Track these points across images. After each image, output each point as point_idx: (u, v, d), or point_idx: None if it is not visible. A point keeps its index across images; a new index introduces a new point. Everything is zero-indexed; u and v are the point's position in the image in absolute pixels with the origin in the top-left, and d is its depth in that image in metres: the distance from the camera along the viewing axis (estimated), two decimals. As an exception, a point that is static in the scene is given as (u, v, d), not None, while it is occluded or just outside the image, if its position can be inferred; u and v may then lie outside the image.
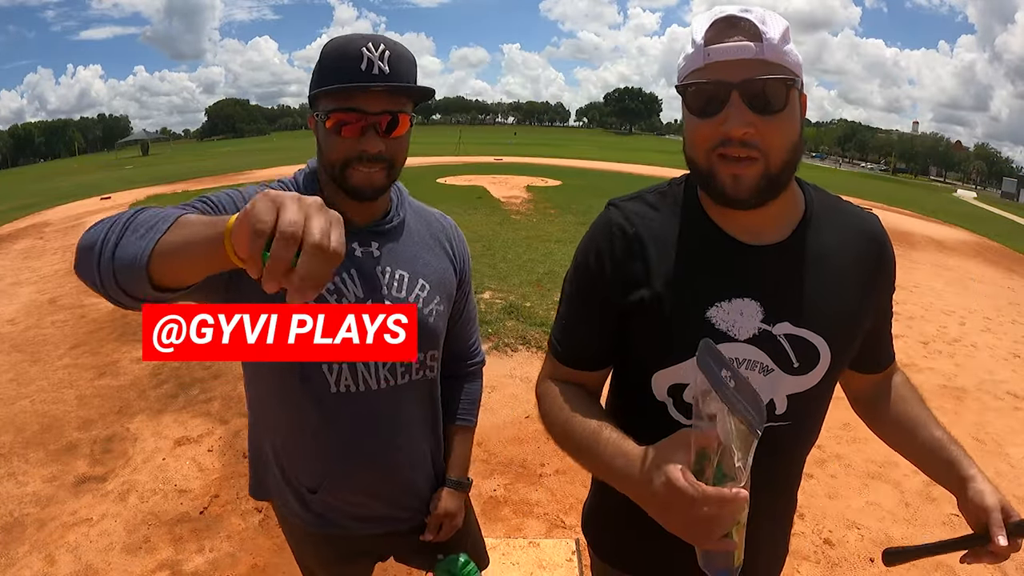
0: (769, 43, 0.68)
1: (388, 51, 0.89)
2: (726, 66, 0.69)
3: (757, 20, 0.68)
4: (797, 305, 0.77)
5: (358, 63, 0.88)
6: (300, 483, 1.09)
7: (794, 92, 0.71)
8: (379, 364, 1.01)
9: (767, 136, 0.70)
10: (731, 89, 0.68)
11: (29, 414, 3.21)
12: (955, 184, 63.15)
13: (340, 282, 0.97)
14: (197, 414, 3.19)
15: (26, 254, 7.35)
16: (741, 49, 0.68)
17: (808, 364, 0.78)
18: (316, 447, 1.04)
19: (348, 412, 1.02)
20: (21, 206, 12.49)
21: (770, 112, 0.69)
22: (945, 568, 2.19)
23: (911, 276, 6.97)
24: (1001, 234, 13.12)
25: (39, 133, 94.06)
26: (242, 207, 0.73)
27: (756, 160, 0.70)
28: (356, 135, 0.90)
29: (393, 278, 1.01)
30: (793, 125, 0.72)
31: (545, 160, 22.19)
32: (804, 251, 0.79)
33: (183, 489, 2.54)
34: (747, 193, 0.72)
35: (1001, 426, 3.36)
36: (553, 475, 2.68)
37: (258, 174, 17.09)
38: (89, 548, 2.18)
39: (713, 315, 0.77)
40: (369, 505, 1.11)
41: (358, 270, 0.98)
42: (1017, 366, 4.36)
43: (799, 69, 0.72)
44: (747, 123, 0.68)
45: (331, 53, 0.91)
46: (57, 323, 4.65)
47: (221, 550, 2.18)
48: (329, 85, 0.89)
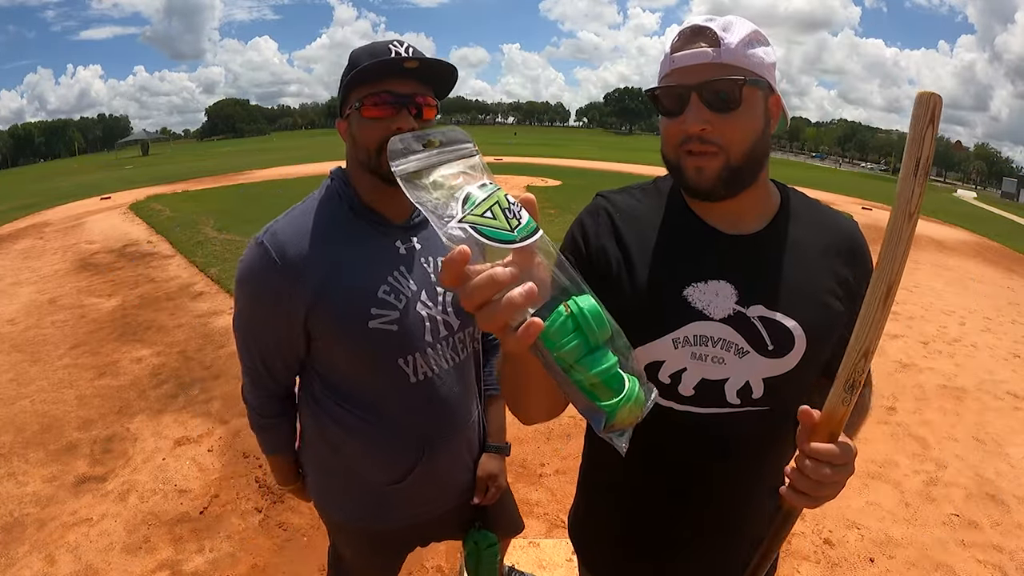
0: (726, 48, 0.74)
1: (411, 46, 0.98)
2: (687, 71, 0.76)
3: (718, 28, 0.75)
4: (771, 290, 0.81)
5: (387, 55, 0.96)
6: (380, 479, 1.14)
7: (752, 91, 0.76)
8: (444, 344, 1.09)
9: (725, 132, 0.76)
10: (690, 91, 0.76)
11: (29, 414, 3.21)
12: (955, 184, 63.19)
13: (394, 281, 1.03)
14: (197, 414, 3.19)
15: (26, 254, 7.35)
16: (699, 55, 0.75)
17: (782, 347, 0.80)
18: (411, 436, 1.11)
19: (431, 396, 1.09)
20: (21, 206, 12.49)
21: (726, 110, 0.75)
22: (945, 568, 2.19)
23: (911, 276, 6.96)
24: (1001, 234, 13.12)
25: (39, 133, 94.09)
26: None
27: (716, 154, 0.77)
28: (390, 115, 0.97)
29: (437, 266, 1.08)
30: (752, 122, 0.77)
31: (545, 160, 22.18)
32: (780, 240, 0.84)
33: (183, 489, 2.54)
34: (709, 184, 0.78)
35: (1001, 426, 3.36)
36: (553, 475, 2.68)
37: (258, 174, 17.09)
38: (89, 548, 2.18)
39: (690, 294, 0.81)
40: (439, 485, 1.19)
41: (405, 266, 1.05)
42: (1017, 366, 4.36)
43: (765, 70, 0.77)
44: (703, 120, 0.75)
45: (359, 52, 0.99)
46: (57, 323, 4.65)
47: (221, 550, 2.18)
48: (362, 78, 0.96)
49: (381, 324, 1.00)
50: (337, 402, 1.10)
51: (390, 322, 1.01)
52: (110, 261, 6.67)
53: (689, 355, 0.81)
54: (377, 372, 1.05)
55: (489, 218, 0.49)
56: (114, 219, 9.65)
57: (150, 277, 5.92)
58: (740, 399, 0.82)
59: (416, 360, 1.06)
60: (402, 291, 1.03)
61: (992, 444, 3.14)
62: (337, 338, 1.02)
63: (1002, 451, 3.07)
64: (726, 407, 0.82)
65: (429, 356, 1.07)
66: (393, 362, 1.04)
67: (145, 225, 8.82)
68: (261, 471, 2.66)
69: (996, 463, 2.94)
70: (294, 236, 0.99)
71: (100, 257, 6.89)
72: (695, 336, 0.80)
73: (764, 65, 0.77)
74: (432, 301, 1.06)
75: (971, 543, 2.32)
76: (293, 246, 0.98)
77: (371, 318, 1.00)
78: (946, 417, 3.43)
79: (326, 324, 1.00)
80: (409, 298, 1.03)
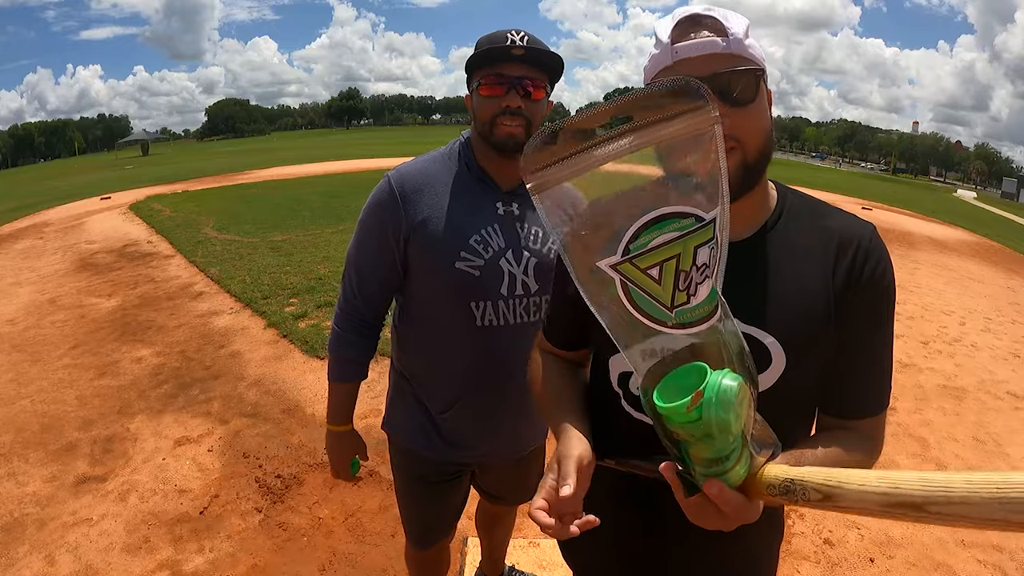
0: (735, 38, 0.70)
1: (527, 36, 1.11)
2: (695, 62, 0.70)
3: (721, 17, 0.71)
4: (750, 303, 0.75)
5: (503, 41, 1.10)
6: (432, 407, 1.28)
7: (762, 84, 0.73)
8: (516, 302, 1.19)
9: (742, 126, 0.70)
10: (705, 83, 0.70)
11: (29, 414, 3.21)
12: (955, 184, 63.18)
13: (486, 234, 1.17)
14: (197, 414, 3.19)
15: (26, 254, 7.35)
16: (709, 44, 0.70)
17: (759, 365, 0.73)
18: (457, 373, 1.24)
19: (489, 343, 1.20)
20: (21, 206, 12.49)
21: (742, 103, 0.70)
22: (945, 568, 2.19)
23: (911, 276, 6.96)
24: (1001, 234, 13.13)
25: (39, 133, 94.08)
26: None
27: (734, 150, 0.71)
28: (500, 93, 1.11)
29: (530, 233, 1.19)
30: (765, 115, 0.74)
31: (545, 160, 22.13)
32: (768, 248, 0.78)
33: (183, 489, 2.54)
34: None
35: (1001, 426, 3.36)
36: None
37: (258, 174, 17.09)
38: (89, 548, 2.18)
39: None
40: (482, 430, 1.29)
41: (500, 224, 1.18)
42: (1017, 366, 4.36)
43: (764, 63, 0.74)
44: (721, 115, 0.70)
45: (482, 41, 1.14)
46: (57, 323, 4.65)
47: (221, 550, 2.18)
48: (480, 62, 1.13)
49: (466, 267, 1.15)
50: (413, 331, 1.27)
51: (474, 267, 1.15)
52: (110, 261, 6.67)
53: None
54: (451, 309, 1.18)
55: (651, 279, 0.37)
56: (114, 219, 9.65)
57: (150, 277, 5.92)
58: None
59: (486, 307, 1.17)
60: (490, 244, 1.16)
61: (992, 444, 3.14)
62: (427, 270, 1.18)
63: (1002, 451, 3.07)
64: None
65: (500, 307, 1.18)
66: (466, 303, 1.17)
67: (145, 225, 8.82)
68: (261, 471, 2.66)
69: (996, 463, 2.94)
70: (414, 175, 1.18)
71: (100, 257, 6.89)
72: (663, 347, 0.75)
73: (763, 57, 0.74)
74: (516, 260, 1.18)
75: (971, 543, 2.32)
76: (410, 182, 1.17)
77: (458, 259, 1.15)
78: (946, 417, 3.43)
79: (420, 255, 1.17)
80: (496, 251, 1.16)
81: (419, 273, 1.20)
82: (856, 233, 0.77)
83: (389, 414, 1.40)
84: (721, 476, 0.50)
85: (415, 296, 1.24)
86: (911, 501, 0.45)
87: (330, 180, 14.56)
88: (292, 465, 2.71)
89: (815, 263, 0.76)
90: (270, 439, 2.93)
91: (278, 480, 2.60)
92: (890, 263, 0.78)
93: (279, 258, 6.35)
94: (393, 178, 1.18)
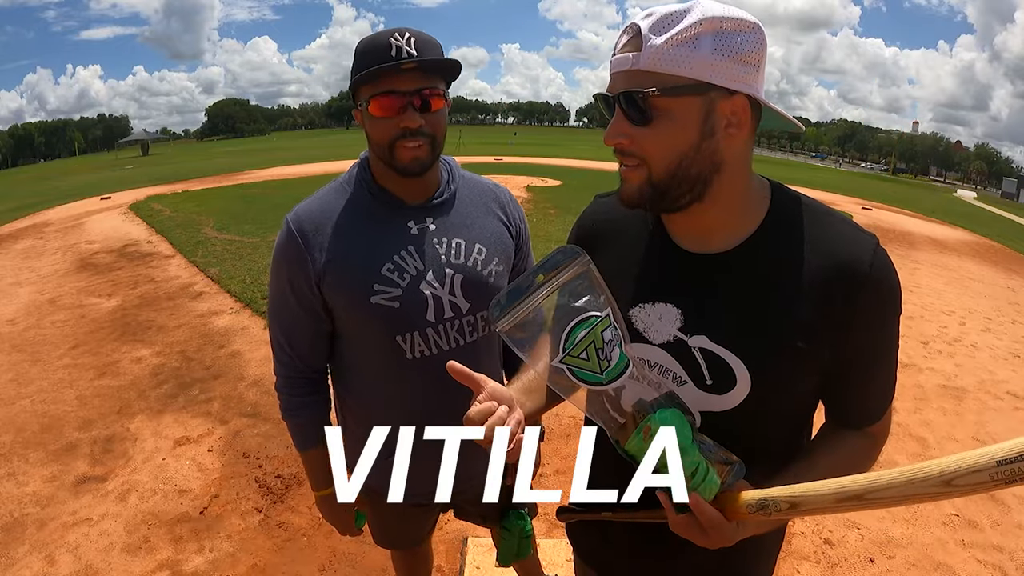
0: (648, 50, 0.65)
1: (414, 37, 0.98)
2: (614, 77, 0.70)
3: (647, 27, 0.65)
4: (718, 321, 0.73)
5: (387, 51, 0.96)
6: (380, 451, 1.17)
7: (674, 101, 0.66)
8: (448, 326, 1.10)
9: (642, 145, 0.69)
10: (614, 101, 0.70)
11: (29, 414, 3.21)
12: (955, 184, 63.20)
13: (400, 260, 1.06)
14: (197, 414, 3.19)
15: (26, 254, 7.35)
16: (620, 61, 0.68)
17: (723, 384, 0.73)
18: (397, 412, 1.12)
19: (426, 375, 1.10)
20: (21, 206, 12.49)
21: (639, 123, 0.68)
22: (945, 568, 2.19)
23: (911, 276, 6.97)
24: (1001, 234, 13.13)
25: (39, 133, 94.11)
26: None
27: (639, 166, 0.71)
28: (395, 114, 0.99)
29: (450, 247, 1.10)
30: (676, 135, 0.68)
31: (545, 160, 22.17)
32: (748, 263, 0.73)
33: (183, 489, 2.54)
34: (630, 198, 0.73)
35: (1001, 426, 3.35)
36: (553, 475, 2.68)
37: (258, 174, 17.08)
38: (89, 548, 2.18)
39: (634, 314, 0.78)
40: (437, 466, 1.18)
41: (415, 246, 1.07)
42: (1017, 366, 4.36)
43: (712, 71, 0.65)
44: (617, 133, 0.70)
45: (362, 48, 1.00)
46: (57, 323, 4.65)
47: (221, 550, 2.18)
48: (366, 78, 0.98)
49: (383, 300, 1.05)
50: (347, 376, 1.17)
51: (392, 299, 1.05)
52: (110, 261, 6.67)
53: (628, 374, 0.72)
54: (377, 346, 1.09)
55: (584, 360, 0.66)
56: (114, 219, 9.65)
57: (150, 277, 5.92)
58: None
59: (414, 338, 1.08)
60: (406, 270, 1.06)
61: (992, 444, 3.14)
62: (344, 309, 1.08)
63: (1002, 451, 3.07)
64: None
65: (429, 335, 1.09)
66: (391, 338, 1.07)
67: (145, 225, 8.82)
68: (261, 471, 2.66)
69: (996, 463, 2.94)
70: (312, 213, 1.08)
71: (100, 257, 6.89)
72: (636, 358, 0.73)
73: (710, 65, 0.64)
74: (439, 282, 1.08)
75: (971, 543, 2.32)
76: (309, 221, 1.07)
77: (373, 293, 1.04)
78: (946, 417, 3.43)
79: (334, 296, 1.07)
80: (413, 277, 1.06)
81: (339, 314, 1.10)
82: (855, 257, 0.70)
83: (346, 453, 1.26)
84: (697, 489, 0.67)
85: (341, 337, 1.15)
86: (854, 494, 0.59)
87: (330, 180, 14.53)
88: (292, 465, 2.71)
89: (802, 285, 0.71)
90: (270, 439, 2.93)
91: (278, 480, 2.60)
92: (894, 286, 0.72)
93: (279, 258, 6.35)
94: (291, 220, 1.07)
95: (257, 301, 4.90)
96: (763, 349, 0.72)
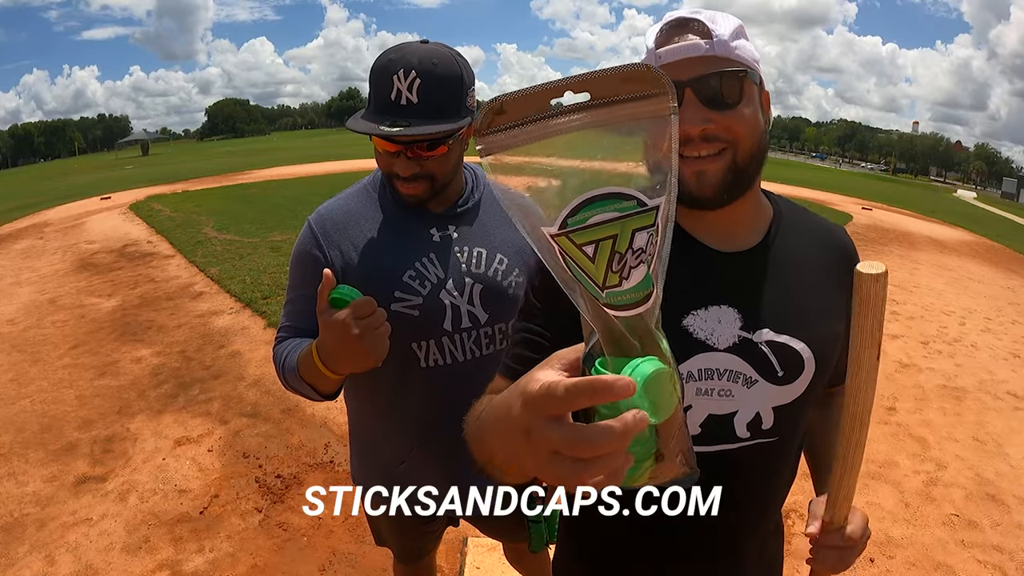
0: (719, 40, 0.69)
1: (419, 79, 0.93)
2: (677, 66, 0.69)
3: (707, 20, 0.70)
4: (776, 311, 0.74)
5: (388, 92, 0.94)
6: (389, 458, 1.18)
7: (749, 85, 0.71)
8: (465, 336, 1.09)
9: (730, 128, 0.69)
10: (683, 87, 0.67)
11: (29, 414, 3.21)
12: (955, 184, 63.25)
13: (421, 267, 1.05)
14: (197, 414, 3.19)
15: (26, 254, 7.35)
16: (691, 47, 0.69)
17: (792, 372, 0.74)
18: (409, 422, 1.13)
19: (437, 385, 1.09)
20: (21, 206, 12.49)
21: (727, 106, 0.69)
22: (945, 568, 2.19)
23: (911, 276, 6.96)
24: (1001, 234, 13.14)
25: (39, 133, 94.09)
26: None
27: (723, 152, 0.69)
28: (390, 157, 0.99)
29: (471, 256, 1.08)
30: (753, 117, 0.71)
31: (545, 160, 22.14)
32: (778, 255, 0.77)
33: (183, 489, 2.54)
34: (713, 190, 0.70)
35: (1001, 426, 3.36)
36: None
37: (258, 174, 17.08)
38: (89, 548, 2.18)
39: (690, 323, 0.73)
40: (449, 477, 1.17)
41: (436, 253, 1.07)
42: (1017, 366, 4.36)
43: (755, 64, 0.72)
44: (704, 119, 0.68)
45: (373, 75, 0.98)
46: (57, 323, 4.65)
47: (221, 550, 2.18)
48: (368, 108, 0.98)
49: (403, 308, 1.04)
50: (357, 380, 1.13)
51: (412, 307, 1.05)
52: (110, 261, 6.67)
53: (694, 391, 0.72)
54: (390, 353, 1.05)
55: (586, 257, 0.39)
56: (114, 219, 9.65)
57: (150, 277, 5.92)
58: (750, 432, 0.75)
59: (429, 346, 1.07)
60: (427, 277, 1.05)
61: (992, 444, 3.14)
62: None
63: (1002, 451, 3.07)
64: (735, 442, 0.75)
65: (444, 344, 1.08)
66: (407, 345, 1.06)
67: (145, 225, 8.81)
68: (261, 471, 2.66)
69: (996, 463, 2.94)
70: (334, 214, 1.08)
71: (100, 257, 6.89)
72: (700, 371, 0.72)
73: (755, 59, 0.72)
74: (458, 290, 1.07)
75: (971, 543, 2.32)
76: (332, 222, 1.06)
77: (394, 300, 1.03)
78: (946, 417, 3.43)
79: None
80: (434, 284, 1.05)
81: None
82: (844, 242, 0.84)
83: (354, 466, 1.30)
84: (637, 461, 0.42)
85: None
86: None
87: (330, 180, 14.54)
88: (292, 465, 2.71)
89: (821, 269, 0.78)
90: (270, 439, 2.93)
91: (278, 480, 2.60)
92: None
93: (279, 258, 6.34)
94: (313, 221, 1.07)
95: (257, 301, 4.90)
96: (818, 327, 0.75)
